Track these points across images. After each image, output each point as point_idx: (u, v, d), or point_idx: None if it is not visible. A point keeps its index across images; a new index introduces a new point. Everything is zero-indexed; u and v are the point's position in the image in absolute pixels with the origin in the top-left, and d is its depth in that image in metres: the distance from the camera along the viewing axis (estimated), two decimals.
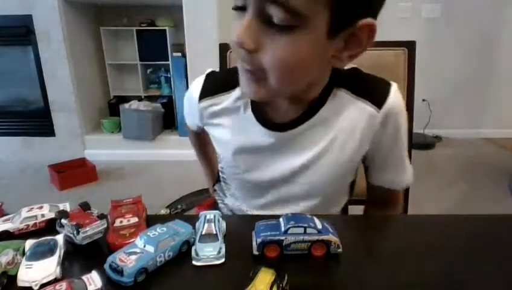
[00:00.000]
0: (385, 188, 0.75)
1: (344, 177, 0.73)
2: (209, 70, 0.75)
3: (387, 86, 0.65)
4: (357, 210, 0.87)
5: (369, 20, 0.52)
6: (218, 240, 0.54)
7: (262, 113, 0.67)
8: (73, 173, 2.56)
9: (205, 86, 0.73)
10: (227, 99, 0.70)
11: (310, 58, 0.54)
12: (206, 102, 0.72)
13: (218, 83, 0.72)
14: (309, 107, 0.65)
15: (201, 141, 0.95)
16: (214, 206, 0.92)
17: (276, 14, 0.48)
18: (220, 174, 0.82)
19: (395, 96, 0.65)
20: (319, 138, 0.66)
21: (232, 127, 0.71)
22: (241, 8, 0.52)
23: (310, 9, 0.48)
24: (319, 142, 0.66)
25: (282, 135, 0.66)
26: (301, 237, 0.52)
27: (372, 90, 0.65)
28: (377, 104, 0.64)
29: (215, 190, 0.89)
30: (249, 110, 0.68)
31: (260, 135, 0.68)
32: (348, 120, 0.65)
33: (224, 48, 0.97)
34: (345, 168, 0.69)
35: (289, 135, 0.66)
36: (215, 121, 0.73)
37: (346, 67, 0.66)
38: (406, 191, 1.04)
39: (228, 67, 0.96)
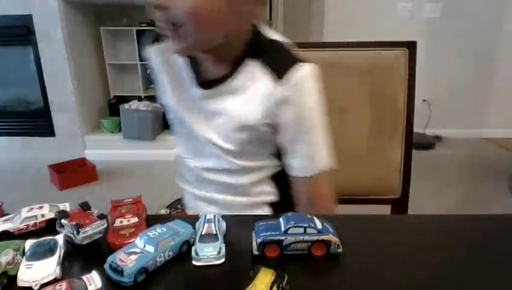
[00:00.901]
0: (300, 178, 0.75)
1: (254, 144, 0.74)
2: None
3: (297, 64, 0.67)
4: (356, 210, 0.87)
5: None
6: (218, 240, 0.54)
7: (197, 72, 0.73)
8: (73, 173, 2.56)
9: (155, 37, 0.77)
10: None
11: (216, 7, 0.61)
12: (156, 46, 0.77)
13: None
14: (228, 71, 0.70)
15: None
16: None
17: None
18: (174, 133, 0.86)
19: (302, 75, 0.67)
20: (229, 101, 0.71)
21: (174, 79, 0.77)
22: None
23: None
24: (229, 104, 0.71)
25: (206, 92, 0.72)
26: (301, 237, 0.52)
27: (280, 63, 0.67)
28: (279, 76, 0.66)
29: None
30: (188, 68, 0.74)
31: (193, 91, 0.74)
32: (252, 88, 0.69)
33: None
34: (247, 132, 0.72)
35: (209, 94, 0.72)
36: (163, 69, 0.78)
37: (272, 37, 0.71)
38: (406, 191, 1.04)
39: None
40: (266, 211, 0.82)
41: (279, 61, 0.68)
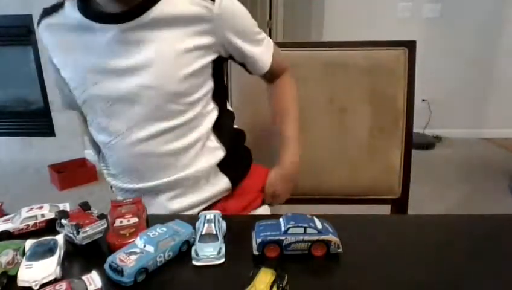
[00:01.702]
0: (264, 73, 0.81)
1: (190, 78, 0.71)
2: None
3: None
4: (356, 210, 0.87)
5: None
6: (218, 240, 0.54)
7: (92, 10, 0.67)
8: (73, 173, 2.56)
9: (42, 13, 0.74)
10: (63, 14, 0.70)
11: None
12: (45, 21, 0.72)
13: (51, 6, 0.73)
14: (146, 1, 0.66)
15: None
16: None
17: None
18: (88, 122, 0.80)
19: None
20: (158, 33, 0.67)
21: (74, 43, 0.70)
22: None
23: None
24: (158, 36, 0.67)
25: (119, 27, 0.66)
26: (301, 237, 0.52)
27: None
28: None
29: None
30: (77, 12, 0.67)
31: (94, 35, 0.67)
32: (182, 15, 0.67)
33: None
34: (185, 60, 0.69)
35: (125, 28, 0.66)
36: (60, 45, 0.72)
37: None
38: (406, 191, 1.04)
39: (226, 71, 0.98)
40: (223, 182, 0.78)
41: None
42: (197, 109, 0.74)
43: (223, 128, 0.79)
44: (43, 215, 0.61)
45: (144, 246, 0.51)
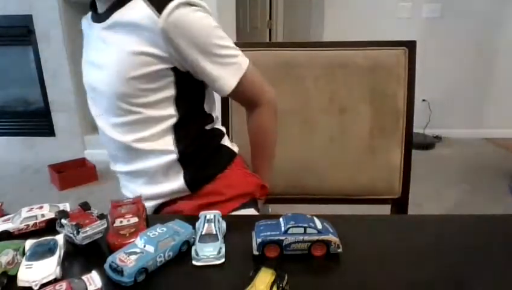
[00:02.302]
0: (224, 94, 0.78)
1: (136, 82, 0.73)
2: None
3: (173, 2, 0.68)
4: (356, 210, 0.87)
5: None
6: (218, 240, 0.54)
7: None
8: (73, 173, 2.56)
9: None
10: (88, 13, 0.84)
11: None
12: (85, 16, 0.86)
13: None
14: (117, 5, 0.73)
15: None
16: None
17: None
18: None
19: (179, 12, 0.68)
20: (117, 36, 0.73)
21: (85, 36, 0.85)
22: None
23: None
24: (117, 38, 0.73)
25: (99, 25, 0.76)
26: (301, 237, 0.52)
27: (161, 2, 0.69)
28: (158, 10, 0.68)
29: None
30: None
31: (92, 31, 0.79)
32: (134, 23, 0.70)
33: None
34: (131, 65, 0.71)
35: (102, 26, 0.75)
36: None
37: None
38: (406, 191, 1.04)
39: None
40: (179, 179, 0.80)
41: None
42: (150, 112, 0.76)
43: (182, 132, 0.79)
44: (43, 215, 0.61)
45: (144, 246, 0.51)
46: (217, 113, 0.90)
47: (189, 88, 0.79)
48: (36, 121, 3.04)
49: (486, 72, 3.37)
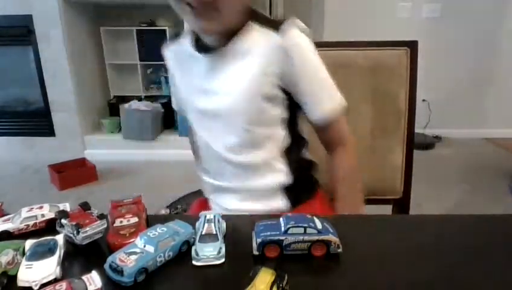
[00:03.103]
0: (320, 121, 0.80)
1: (261, 102, 0.77)
2: None
3: (287, 21, 0.75)
4: None
5: None
6: (218, 240, 0.54)
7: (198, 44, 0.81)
8: (73, 173, 2.56)
9: (169, 40, 0.90)
10: (181, 44, 0.85)
11: None
12: (170, 46, 0.88)
13: (175, 35, 0.89)
14: (230, 36, 0.76)
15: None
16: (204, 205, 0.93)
17: None
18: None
19: (296, 30, 0.74)
20: (236, 63, 0.77)
21: (187, 67, 0.84)
22: None
23: None
24: (235, 65, 0.77)
25: (211, 56, 0.78)
26: (301, 237, 0.52)
27: (274, 22, 0.75)
28: (280, 33, 0.73)
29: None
30: (189, 44, 0.82)
31: (198, 62, 0.81)
32: (256, 46, 0.75)
33: None
34: (256, 86, 0.76)
35: (216, 56, 0.78)
36: (179, 66, 0.87)
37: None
38: (408, 191, 1.04)
39: None
40: (281, 201, 0.82)
41: (274, 22, 0.75)
42: (266, 132, 0.80)
43: (292, 154, 0.83)
44: (43, 215, 0.61)
45: (144, 246, 0.51)
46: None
47: (294, 108, 0.81)
48: (36, 121, 3.04)
49: (486, 72, 3.37)
